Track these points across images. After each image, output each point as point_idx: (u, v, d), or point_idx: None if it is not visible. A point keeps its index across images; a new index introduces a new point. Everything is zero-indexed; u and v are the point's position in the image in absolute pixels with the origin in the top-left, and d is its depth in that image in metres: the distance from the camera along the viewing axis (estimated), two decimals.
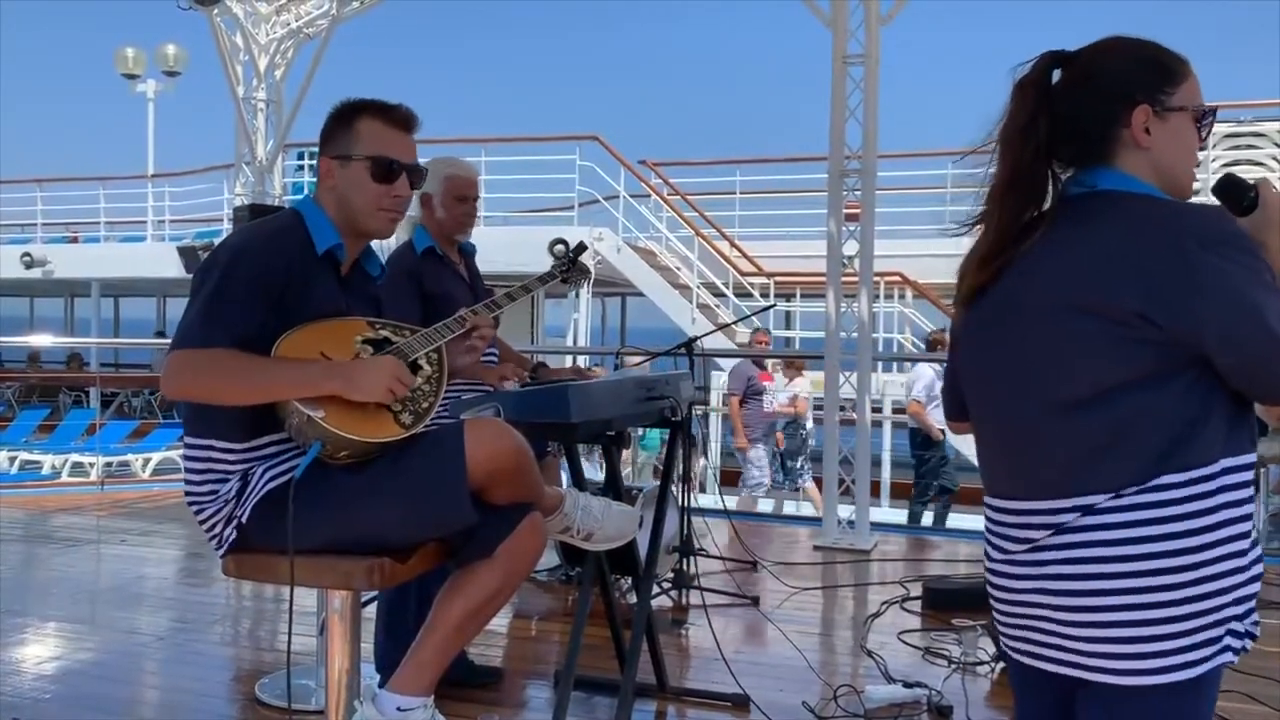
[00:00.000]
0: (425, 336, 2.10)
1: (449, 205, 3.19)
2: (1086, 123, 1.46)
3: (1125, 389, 1.34)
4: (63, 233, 16.95)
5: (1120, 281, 1.34)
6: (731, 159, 13.67)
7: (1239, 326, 1.29)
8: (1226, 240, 1.32)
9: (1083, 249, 1.39)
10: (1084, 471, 1.37)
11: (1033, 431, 1.43)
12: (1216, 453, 1.34)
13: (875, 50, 5.36)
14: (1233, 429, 1.36)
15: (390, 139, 2.06)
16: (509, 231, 11.85)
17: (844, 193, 5.48)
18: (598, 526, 2.26)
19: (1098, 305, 1.35)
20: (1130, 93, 1.44)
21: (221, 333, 1.87)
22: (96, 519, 6.06)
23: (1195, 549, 1.32)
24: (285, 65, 7.46)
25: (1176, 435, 1.33)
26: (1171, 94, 1.45)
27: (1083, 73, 1.47)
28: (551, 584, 4.52)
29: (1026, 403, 1.43)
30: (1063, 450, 1.39)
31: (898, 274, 10.30)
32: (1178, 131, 1.45)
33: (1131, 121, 1.44)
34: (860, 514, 5.48)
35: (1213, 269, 1.30)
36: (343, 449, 1.91)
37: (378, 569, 1.91)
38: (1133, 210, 1.39)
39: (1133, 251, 1.34)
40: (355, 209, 2.05)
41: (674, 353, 4.35)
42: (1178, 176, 1.46)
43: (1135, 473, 1.34)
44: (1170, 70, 1.46)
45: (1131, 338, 1.33)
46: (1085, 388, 1.37)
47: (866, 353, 5.63)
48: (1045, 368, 1.41)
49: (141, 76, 17.95)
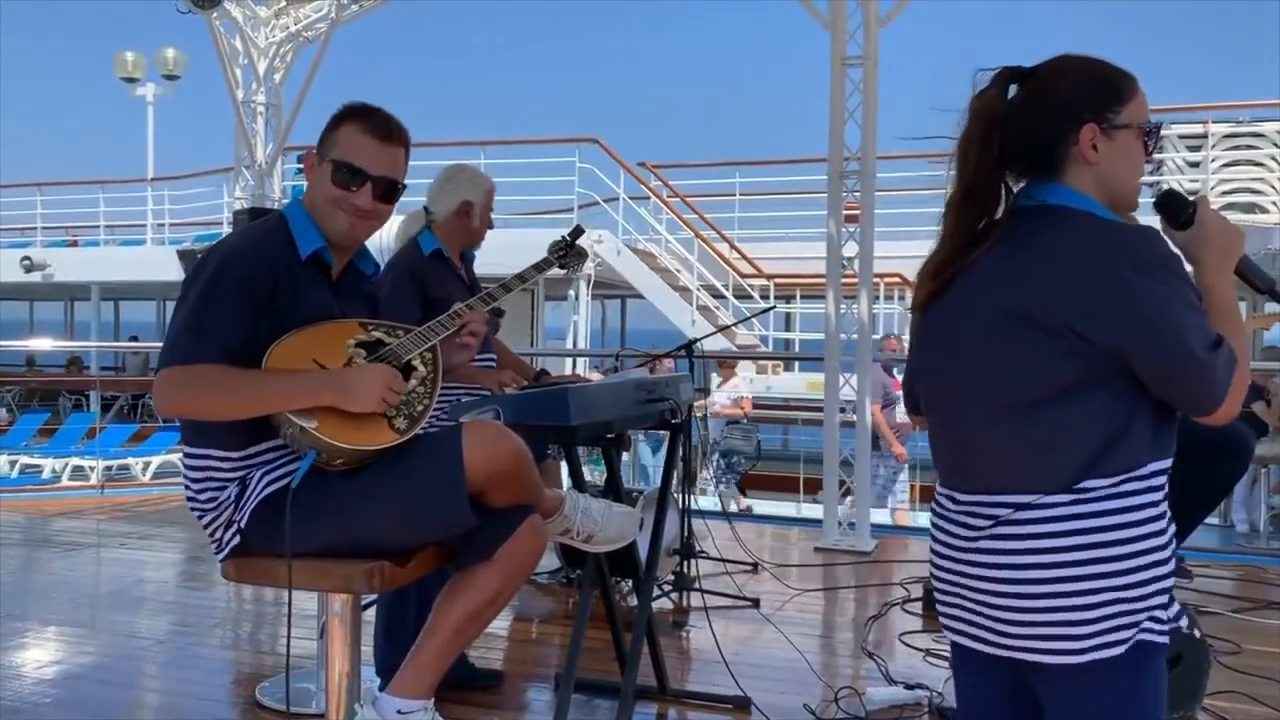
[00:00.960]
0: (419, 336, 2.09)
1: (484, 215, 3.24)
2: (1038, 138, 1.54)
3: (1057, 398, 1.45)
4: (62, 236, 16.94)
5: (1058, 297, 1.43)
6: (731, 161, 13.64)
7: (1162, 345, 1.39)
8: (1158, 264, 1.42)
9: (1026, 263, 1.48)
10: (1019, 472, 1.48)
11: (974, 433, 1.53)
12: (1144, 457, 1.45)
13: (874, 52, 5.36)
14: (1159, 435, 1.47)
15: (363, 146, 2.04)
16: (508, 234, 11.77)
17: (843, 194, 5.48)
18: (598, 528, 2.26)
19: (1036, 317, 1.45)
20: (1078, 112, 1.52)
21: (208, 346, 1.86)
22: (96, 523, 6.06)
23: (1117, 543, 1.43)
24: (284, 69, 7.47)
25: (1105, 441, 1.43)
26: (1118, 113, 1.53)
27: (1037, 91, 1.55)
28: (552, 586, 4.51)
29: (969, 406, 1.54)
30: (1000, 451, 1.50)
31: (897, 275, 10.30)
32: (1123, 148, 1.53)
33: (1079, 139, 1.52)
34: (861, 515, 5.48)
35: (1143, 291, 1.39)
36: (338, 457, 1.91)
37: (377, 572, 1.91)
38: (1076, 229, 1.47)
39: (1071, 270, 1.44)
40: (318, 208, 2.05)
41: (674, 355, 4.35)
42: (1122, 191, 1.55)
43: (1066, 475, 1.44)
44: (1117, 90, 1.54)
45: (1064, 350, 1.43)
46: (1021, 394, 1.47)
47: (866, 354, 5.63)
48: (986, 374, 1.51)
49: (141, 80, 17.97)
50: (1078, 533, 1.43)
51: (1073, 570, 1.43)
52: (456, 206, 3.19)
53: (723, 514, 4.99)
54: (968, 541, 1.52)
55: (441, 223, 3.20)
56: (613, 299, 15.74)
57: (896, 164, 12.06)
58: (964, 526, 1.53)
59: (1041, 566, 1.45)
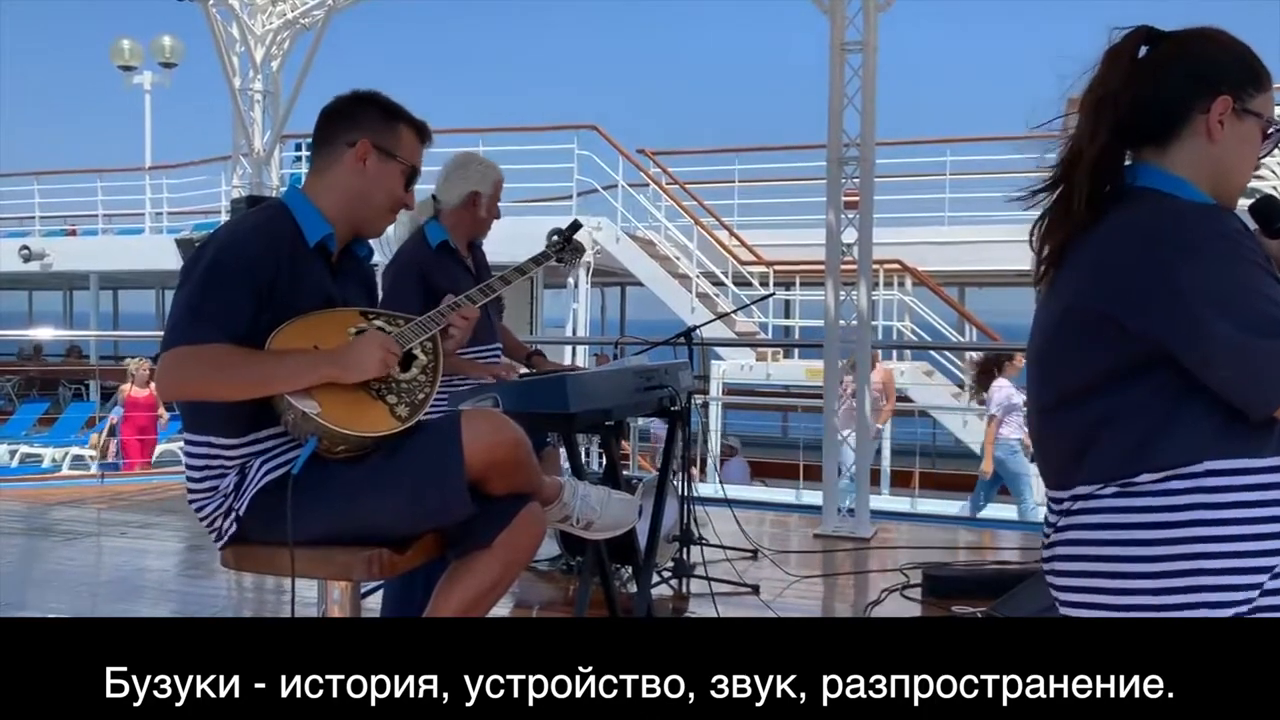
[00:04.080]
0: (419, 325, 2.09)
1: (491, 206, 3.23)
2: (1166, 100, 1.45)
3: (1100, 389, 1.40)
4: (60, 226, 16.92)
5: (1100, 284, 1.39)
6: (730, 148, 13.62)
7: (1191, 325, 1.31)
8: (1208, 242, 1.33)
9: (1093, 249, 1.42)
10: (1071, 465, 1.45)
11: (1037, 426, 1.53)
12: (1200, 453, 1.34)
13: (873, 38, 5.34)
14: (1227, 430, 1.34)
15: (419, 153, 2.14)
16: (507, 222, 11.67)
17: (842, 181, 5.47)
18: (596, 516, 2.26)
19: (1081, 308, 1.41)
20: (1218, 80, 1.44)
21: (212, 328, 1.85)
22: (97, 512, 6.07)
23: (1158, 543, 1.35)
24: (282, 56, 7.43)
25: (1150, 432, 1.36)
26: (1254, 97, 1.45)
27: (1177, 49, 1.47)
28: (552, 573, 4.52)
29: (1035, 399, 1.52)
30: (1055, 445, 1.48)
31: (897, 262, 10.29)
32: (1246, 135, 1.45)
33: (1211, 109, 1.43)
34: (860, 502, 5.49)
35: (1180, 270, 1.32)
36: (339, 444, 1.91)
37: (376, 560, 1.91)
38: (1138, 212, 1.41)
39: (1114, 253, 1.38)
40: (373, 204, 2.07)
41: (673, 342, 4.35)
42: (1233, 178, 1.46)
43: (1113, 468, 1.40)
44: (1259, 76, 1.46)
45: (1106, 338, 1.38)
46: (1067, 387, 1.44)
47: (866, 341, 5.62)
48: (1043, 368, 1.49)
49: (138, 69, 17.89)
50: (1121, 526, 1.38)
51: (1110, 566, 1.39)
52: (464, 197, 3.19)
53: (724, 500, 4.99)
54: (1050, 531, 1.51)
55: (448, 212, 3.19)
56: (612, 286, 15.73)
57: (896, 150, 12.07)
58: (1047, 519, 1.52)
59: (1085, 559, 1.42)
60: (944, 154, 11.89)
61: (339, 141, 2.07)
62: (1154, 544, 1.36)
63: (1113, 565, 1.39)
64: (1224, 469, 1.34)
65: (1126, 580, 1.38)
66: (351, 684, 1.27)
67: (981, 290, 13.34)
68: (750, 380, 11.35)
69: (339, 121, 2.09)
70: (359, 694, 1.27)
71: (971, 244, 10.98)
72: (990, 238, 10.61)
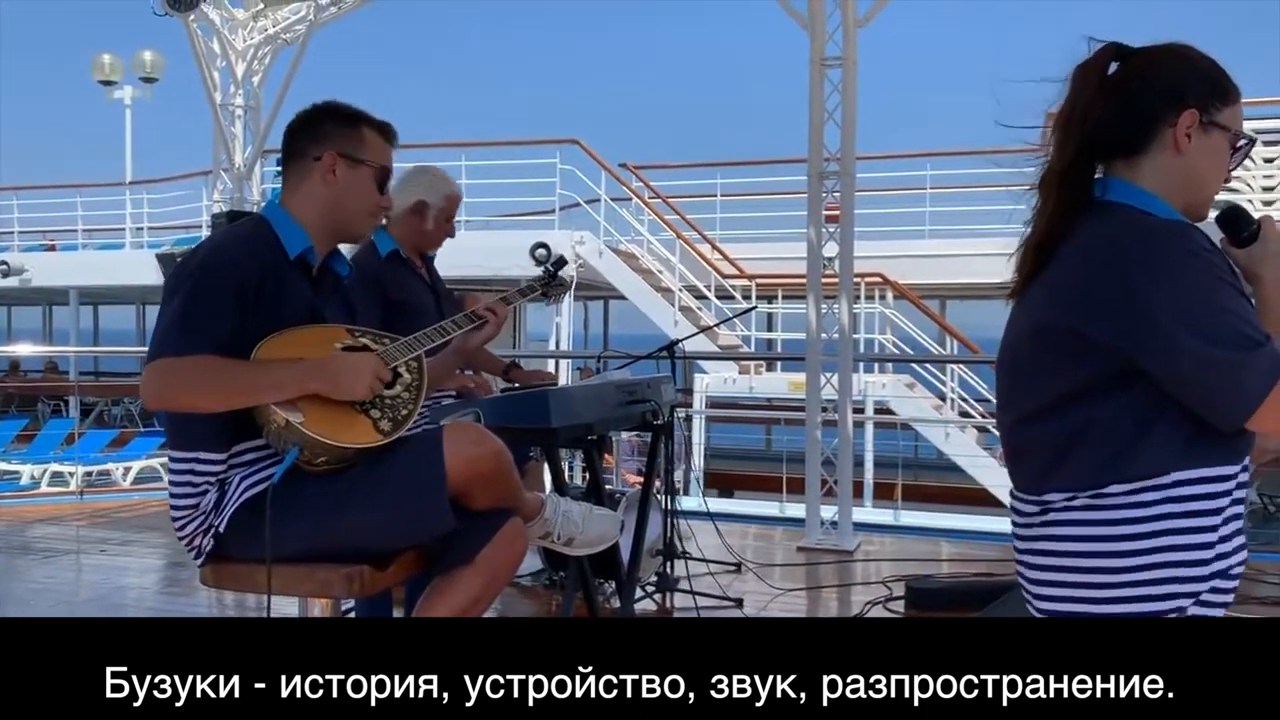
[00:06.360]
0: (405, 345, 2.10)
1: (440, 221, 3.16)
2: (1134, 115, 1.49)
3: (1072, 401, 1.43)
4: (40, 240, 16.82)
5: (1068, 300, 1.42)
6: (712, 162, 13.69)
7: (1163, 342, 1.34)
8: (1176, 258, 1.36)
9: (1064, 265, 1.45)
10: (1043, 475, 1.48)
11: (1011, 436, 1.55)
12: (1168, 465, 1.38)
13: (853, 53, 5.37)
14: (1194, 442, 1.39)
15: (388, 154, 2.14)
16: (490, 236, 11.82)
17: (823, 195, 5.49)
18: (578, 531, 2.25)
19: (1053, 323, 1.43)
20: (1184, 95, 1.47)
21: (199, 339, 1.86)
22: (76, 529, 6.01)
23: (1128, 554, 1.39)
24: (263, 71, 7.43)
25: (1121, 445, 1.40)
26: (1220, 110, 1.48)
27: (1145, 65, 1.50)
28: (535, 589, 4.50)
29: (1007, 409, 1.56)
30: (1027, 454, 1.51)
31: (878, 275, 10.33)
32: (1214, 148, 1.49)
33: (1178, 122, 1.47)
34: (843, 515, 5.49)
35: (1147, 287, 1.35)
36: (321, 455, 1.90)
37: (356, 577, 1.91)
38: (1106, 226, 1.43)
39: (1081, 270, 1.41)
40: (350, 211, 2.08)
41: (656, 356, 4.35)
42: (1201, 190, 1.50)
43: (1085, 479, 1.43)
44: (1224, 89, 1.50)
45: (1076, 353, 1.41)
46: (1040, 399, 1.47)
47: (848, 354, 5.64)
48: (1018, 377, 1.52)
49: (119, 83, 17.82)
50: (1092, 538, 1.41)
51: (1081, 577, 1.42)
52: (410, 205, 3.12)
53: (706, 514, 4.98)
54: (1018, 532, 1.54)
55: (395, 220, 3.14)
56: (595, 300, 15.74)
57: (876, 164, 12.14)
58: (1016, 520, 1.55)
59: (1056, 570, 1.45)
60: (924, 168, 11.97)
61: (306, 156, 2.08)
62: (1125, 554, 1.40)
63: (1085, 575, 1.42)
64: (1192, 478, 1.39)
65: (1099, 590, 1.41)
66: (351, 684, 1.28)
67: (962, 303, 13.41)
68: (733, 393, 11.36)
69: (302, 137, 2.10)
70: (359, 694, 1.28)
71: (952, 257, 11.05)
72: (970, 251, 10.67)
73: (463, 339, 2.28)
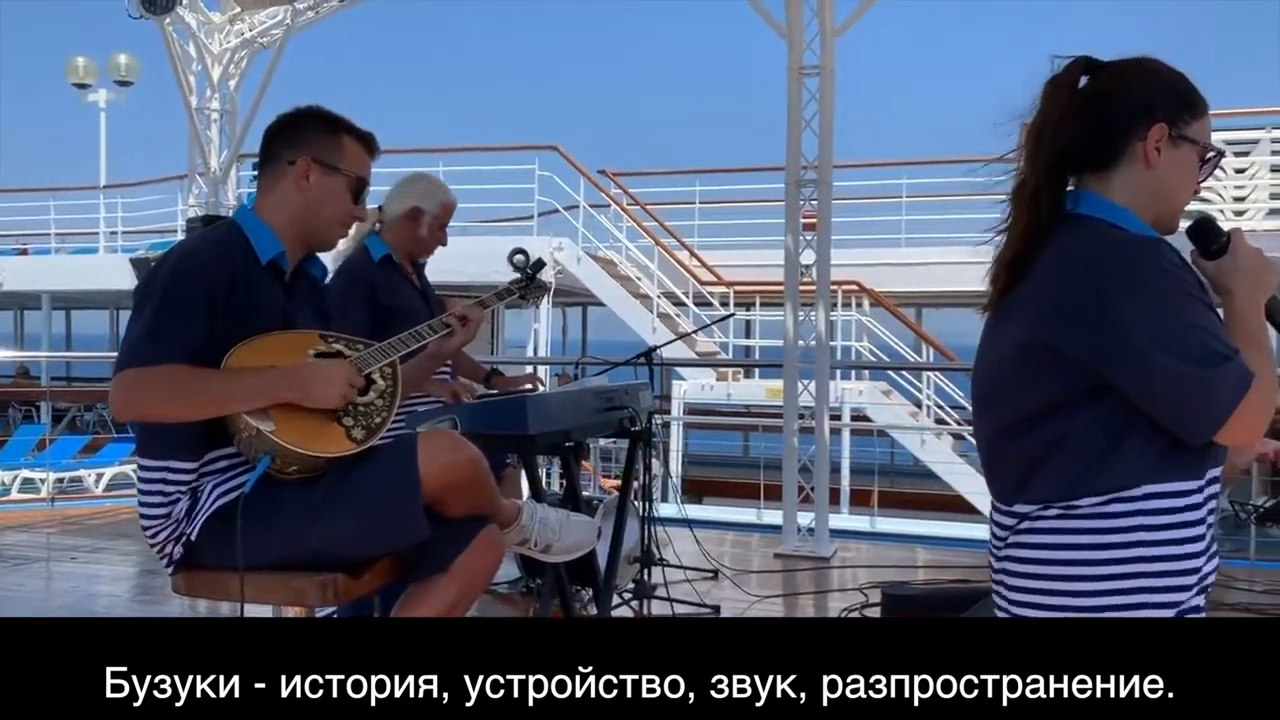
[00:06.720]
0: (380, 350, 2.09)
1: (434, 228, 3.17)
2: (1104, 129, 1.51)
3: (1047, 414, 1.45)
4: (12, 245, 16.64)
5: (1042, 314, 1.44)
6: (690, 169, 13.71)
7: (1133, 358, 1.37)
8: (1147, 274, 1.38)
9: (1037, 280, 1.47)
10: (1018, 488, 1.50)
11: (987, 447, 1.57)
12: (1139, 478, 1.41)
13: (830, 62, 5.40)
14: (1165, 456, 1.41)
15: (366, 164, 2.12)
16: (468, 242, 11.75)
17: (801, 203, 5.51)
18: (555, 538, 2.25)
19: (1029, 336, 1.45)
20: (1153, 109, 1.49)
21: (169, 348, 1.84)
22: (47, 536, 5.94)
23: (1099, 563, 1.41)
24: (239, 75, 7.39)
25: (1093, 458, 1.42)
26: (1189, 124, 1.50)
27: (1115, 79, 1.53)
28: (511, 596, 4.49)
29: (983, 421, 1.58)
30: (1004, 467, 1.52)
31: (855, 283, 10.37)
32: (1183, 162, 1.51)
33: (1147, 135, 1.49)
34: (820, 521, 5.51)
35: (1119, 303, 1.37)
36: (292, 463, 1.89)
37: (330, 585, 1.89)
38: (1078, 241, 1.46)
39: (1054, 285, 1.43)
40: (322, 219, 2.06)
41: (634, 362, 4.35)
42: (1171, 202, 1.52)
43: (1058, 491, 1.45)
44: (1193, 103, 1.52)
45: (1049, 366, 1.43)
46: (1016, 413, 1.49)
47: (824, 361, 5.66)
48: (995, 390, 1.54)
49: (93, 86, 17.68)
50: (1063, 548, 1.44)
51: (1056, 585, 1.44)
52: (405, 210, 3.14)
53: (684, 521, 4.98)
54: (996, 544, 1.55)
55: (389, 225, 3.15)
56: (573, 307, 15.73)
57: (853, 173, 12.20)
58: (994, 531, 1.57)
59: (1030, 577, 1.47)
60: (901, 177, 12.04)
61: (281, 160, 2.06)
62: (1096, 563, 1.42)
63: (1059, 584, 1.44)
64: (1162, 491, 1.42)
65: (1072, 599, 1.43)
66: (351, 684, 1.28)
67: (938, 311, 13.49)
68: (711, 400, 11.37)
69: (280, 140, 2.09)
70: (359, 694, 1.28)
71: (928, 265, 11.10)
72: (946, 259, 10.73)
73: (438, 344, 2.27)
